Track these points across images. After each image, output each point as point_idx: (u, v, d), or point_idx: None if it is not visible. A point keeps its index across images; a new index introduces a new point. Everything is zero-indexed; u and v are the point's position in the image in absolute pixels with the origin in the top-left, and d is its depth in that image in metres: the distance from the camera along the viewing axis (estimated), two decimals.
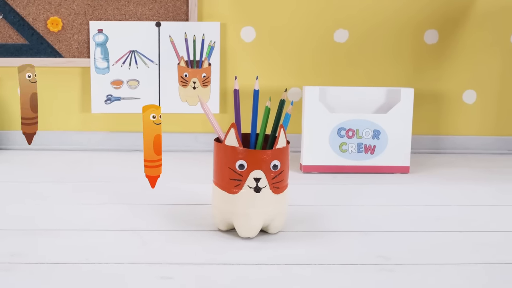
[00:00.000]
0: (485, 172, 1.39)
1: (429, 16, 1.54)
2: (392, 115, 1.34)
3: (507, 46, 1.57)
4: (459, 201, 1.15)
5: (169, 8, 1.49)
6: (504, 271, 0.81)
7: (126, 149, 1.55)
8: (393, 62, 1.56)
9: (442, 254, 0.87)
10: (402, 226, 0.99)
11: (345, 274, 0.79)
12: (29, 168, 1.34)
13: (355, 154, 1.35)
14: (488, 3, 1.54)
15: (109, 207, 1.03)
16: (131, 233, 0.92)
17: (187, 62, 1.51)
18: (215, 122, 0.94)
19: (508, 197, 1.18)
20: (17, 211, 1.01)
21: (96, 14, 1.48)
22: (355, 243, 0.90)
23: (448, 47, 1.56)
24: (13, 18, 1.47)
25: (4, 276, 0.76)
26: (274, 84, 1.55)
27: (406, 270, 0.80)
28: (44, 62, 1.49)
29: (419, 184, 1.27)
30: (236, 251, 0.86)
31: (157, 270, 0.78)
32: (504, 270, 0.81)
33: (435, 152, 1.60)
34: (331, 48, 1.55)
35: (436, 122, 1.60)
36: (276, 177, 0.89)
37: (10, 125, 1.54)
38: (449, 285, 0.76)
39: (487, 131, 1.61)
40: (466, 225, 0.99)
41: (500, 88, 1.59)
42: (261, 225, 0.90)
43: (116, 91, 1.51)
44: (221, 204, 0.91)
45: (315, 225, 0.98)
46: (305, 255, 0.85)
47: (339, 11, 1.53)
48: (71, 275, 0.76)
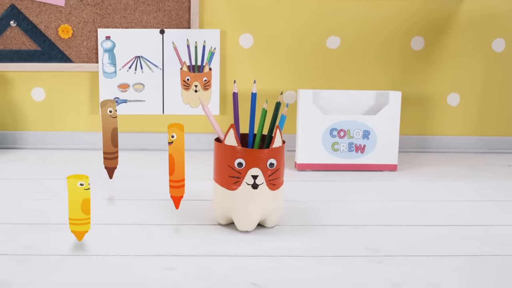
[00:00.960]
0: (468, 169, 1.39)
1: (416, 24, 1.54)
2: (381, 116, 1.34)
3: (488, 52, 1.57)
4: (443, 197, 1.15)
5: (172, 16, 1.49)
6: (486, 262, 0.81)
7: (132, 148, 1.55)
8: (382, 67, 1.56)
9: (428, 246, 0.87)
10: (390, 220, 0.99)
11: (337, 265, 0.79)
12: (42, 166, 1.34)
13: (346, 153, 1.34)
14: (470, 12, 1.54)
15: (116, 203, 1.03)
16: (137, 227, 0.92)
17: (189, 67, 1.50)
18: (215, 123, 0.94)
19: (489, 193, 1.18)
20: (30, 206, 1.01)
21: (104, 22, 1.48)
22: (347, 236, 0.90)
23: (433, 53, 1.56)
24: (27, 26, 1.47)
25: (18, 267, 0.76)
26: (271, 88, 1.54)
27: (394, 262, 0.80)
28: (55, 67, 1.49)
29: (406, 181, 1.27)
30: (235, 244, 0.86)
31: (161, 262, 0.78)
32: (486, 262, 0.81)
33: (421, 151, 1.60)
34: (323, 53, 1.54)
35: (422, 123, 1.60)
36: (273, 175, 0.88)
37: (24, 126, 1.53)
38: (434, 276, 0.76)
39: (469, 131, 1.61)
40: (450, 220, 0.99)
41: (482, 91, 1.59)
42: (258, 219, 0.90)
43: (123, 94, 1.50)
44: (221, 200, 0.91)
45: (309, 220, 0.98)
46: (300, 247, 0.85)
47: (331, 19, 1.52)
48: (80, 266, 0.76)
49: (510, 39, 1.57)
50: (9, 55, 1.48)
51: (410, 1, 1.53)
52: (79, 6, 1.47)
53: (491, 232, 0.93)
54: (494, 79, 1.59)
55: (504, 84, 1.59)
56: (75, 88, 1.52)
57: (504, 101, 1.60)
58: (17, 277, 0.72)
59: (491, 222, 0.99)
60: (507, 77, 1.59)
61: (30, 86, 1.52)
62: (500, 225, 0.97)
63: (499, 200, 1.13)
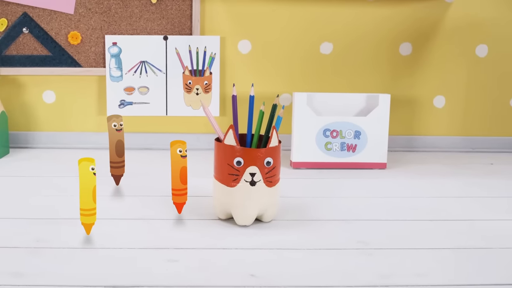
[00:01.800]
0: (453, 167, 1.39)
1: (404, 31, 1.54)
2: (371, 117, 1.34)
3: (472, 57, 1.57)
4: (430, 193, 1.15)
5: (175, 24, 1.49)
6: (470, 255, 0.81)
7: (137, 147, 1.54)
8: (372, 71, 1.56)
9: (415, 239, 0.87)
10: (380, 215, 0.99)
11: (330, 257, 0.79)
12: (52, 164, 1.33)
13: (338, 152, 1.34)
14: (455, 20, 1.54)
15: (122, 199, 1.03)
16: (142, 221, 0.92)
17: (191, 71, 1.50)
18: (215, 124, 0.94)
19: (472, 190, 1.18)
20: (42, 202, 1.01)
21: (111, 29, 1.48)
22: (339, 230, 0.90)
23: (420, 58, 1.56)
24: (38, 32, 1.47)
25: (30, 259, 0.75)
26: (267, 91, 1.54)
27: (383, 254, 0.80)
28: (65, 71, 1.49)
29: (395, 178, 1.27)
30: (234, 237, 0.86)
31: (164, 254, 0.78)
32: (470, 254, 0.81)
33: (409, 150, 1.60)
34: (317, 59, 1.54)
35: (410, 124, 1.60)
36: (269, 172, 0.89)
37: (36, 126, 1.53)
38: (421, 267, 0.76)
39: (454, 132, 1.61)
40: (437, 214, 1.00)
41: (466, 94, 1.59)
42: (256, 214, 0.90)
43: (129, 96, 1.50)
44: (220, 196, 0.91)
45: (304, 215, 0.98)
46: (295, 240, 0.85)
47: (325, 27, 1.52)
48: (89, 258, 0.76)
49: (493, 45, 1.57)
50: (21, 60, 1.48)
51: (399, 9, 1.53)
52: (88, 14, 1.47)
53: (475, 226, 0.93)
54: (477, 83, 1.59)
55: (486, 88, 1.59)
56: (84, 91, 1.52)
57: (486, 103, 1.60)
58: (29, 268, 0.72)
59: (475, 217, 0.99)
60: (489, 81, 1.59)
61: (42, 89, 1.52)
62: (483, 220, 0.97)
63: (482, 196, 1.13)
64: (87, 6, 1.46)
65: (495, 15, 1.55)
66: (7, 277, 0.70)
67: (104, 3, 1.47)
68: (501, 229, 0.93)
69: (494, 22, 1.55)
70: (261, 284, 0.70)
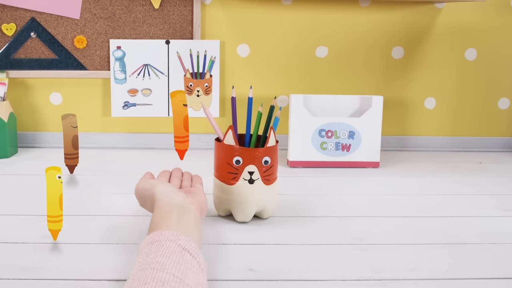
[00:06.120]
0: (443, 166, 1.39)
1: (396, 35, 1.54)
2: (364, 118, 1.34)
3: (462, 61, 1.57)
4: (421, 191, 1.15)
5: (177, 28, 1.48)
6: (462, 249, 0.81)
7: (141, 147, 1.54)
8: (366, 74, 1.56)
9: (408, 236, 0.87)
10: (373, 212, 0.99)
11: (325, 252, 0.79)
12: (59, 163, 1.33)
13: (333, 151, 1.34)
14: (445, 25, 1.54)
15: (126, 196, 1.03)
16: (145, 218, 0.91)
17: (192, 74, 1.50)
18: (215, 124, 0.93)
19: (462, 188, 1.18)
20: None
21: (115, 33, 1.48)
22: (334, 226, 0.90)
23: (412, 61, 1.56)
24: (45, 37, 1.46)
25: (37, 254, 0.75)
26: (265, 93, 1.54)
27: (377, 249, 0.80)
28: (71, 74, 1.49)
29: (388, 177, 1.27)
30: (234, 233, 0.85)
31: None
32: (461, 249, 0.81)
33: (401, 150, 1.60)
34: (313, 62, 1.54)
35: (402, 125, 1.60)
36: (267, 171, 0.88)
37: (43, 127, 1.53)
38: (415, 263, 0.76)
39: (444, 132, 1.61)
40: (428, 211, 1.00)
41: (456, 96, 1.59)
42: (254, 211, 0.90)
43: (132, 98, 1.50)
44: (220, 194, 0.91)
45: (300, 211, 0.98)
46: (292, 236, 0.85)
47: (320, 31, 1.52)
48: (94, 253, 0.76)
49: (481, 49, 1.57)
50: (29, 63, 1.47)
51: (391, 15, 1.53)
52: (93, 19, 1.46)
53: (465, 223, 0.93)
54: (466, 85, 1.59)
55: (475, 90, 1.59)
56: (89, 93, 1.52)
57: (475, 105, 1.60)
58: (37, 263, 0.72)
59: (464, 214, 0.99)
60: (478, 83, 1.59)
61: (49, 91, 1.51)
62: (472, 216, 0.97)
63: (471, 194, 1.13)
64: (93, 11, 1.46)
65: (484, 20, 1.55)
66: (16, 271, 0.70)
67: (109, 8, 1.46)
68: (491, 225, 0.93)
69: (482, 27, 1.55)
70: (259, 278, 0.70)
